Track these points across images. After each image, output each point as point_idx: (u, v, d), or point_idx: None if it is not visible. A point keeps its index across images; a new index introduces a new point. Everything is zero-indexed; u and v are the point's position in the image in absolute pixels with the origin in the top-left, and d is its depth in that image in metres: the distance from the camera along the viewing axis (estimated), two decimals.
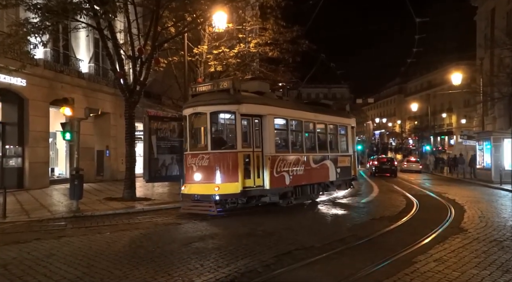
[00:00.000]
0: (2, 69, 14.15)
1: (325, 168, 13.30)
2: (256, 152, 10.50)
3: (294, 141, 12.21)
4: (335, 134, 14.33)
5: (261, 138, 10.65)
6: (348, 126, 15.16)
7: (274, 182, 10.72)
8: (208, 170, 10.14)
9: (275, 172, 10.81)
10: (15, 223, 9.40)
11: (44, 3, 11.60)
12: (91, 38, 19.54)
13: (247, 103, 10.38)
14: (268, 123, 10.78)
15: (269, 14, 17.38)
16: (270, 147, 10.73)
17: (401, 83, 79.22)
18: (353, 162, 15.25)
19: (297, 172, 11.75)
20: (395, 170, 29.14)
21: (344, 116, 15.25)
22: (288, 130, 11.73)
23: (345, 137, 14.97)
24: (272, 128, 10.96)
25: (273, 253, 6.48)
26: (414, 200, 13.96)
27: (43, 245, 7.10)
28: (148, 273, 5.41)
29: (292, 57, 18.98)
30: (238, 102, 10.16)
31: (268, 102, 11.12)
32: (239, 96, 10.30)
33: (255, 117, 10.59)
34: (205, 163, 10.19)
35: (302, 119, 12.40)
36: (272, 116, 10.99)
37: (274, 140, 10.99)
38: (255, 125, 10.60)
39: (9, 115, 16.17)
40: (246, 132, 10.54)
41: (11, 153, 15.97)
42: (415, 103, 54.98)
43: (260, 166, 10.50)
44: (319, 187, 13.25)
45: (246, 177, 10.18)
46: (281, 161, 11.07)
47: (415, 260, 6.13)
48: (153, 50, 13.61)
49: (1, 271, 5.52)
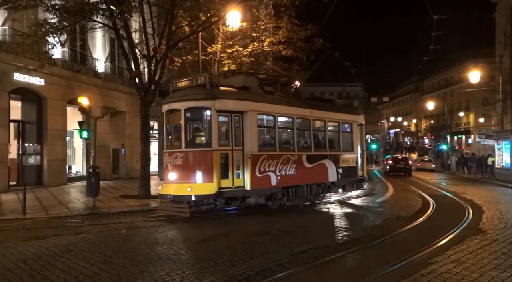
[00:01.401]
0: (22, 69, 14.48)
1: (323, 168, 12.43)
2: (236, 151, 9.89)
3: (283, 138, 11.52)
4: (337, 132, 13.44)
5: (242, 136, 10.04)
6: (353, 123, 14.11)
7: (256, 182, 10.08)
8: (182, 169, 9.68)
9: (258, 172, 10.16)
10: (35, 219, 9.63)
11: (62, 4, 11.82)
12: (107, 38, 19.84)
13: (224, 98, 9.79)
14: (250, 120, 10.10)
15: (283, 12, 17.31)
16: (251, 145, 10.07)
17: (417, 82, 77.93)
18: (360, 161, 14.31)
19: (287, 172, 11.03)
20: (409, 169, 28.90)
21: (349, 112, 14.26)
22: (275, 128, 11.00)
23: (350, 135, 13.98)
24: (254, 125, 10.27)
25: (288, 252, 6.47)
26: (430, 200, 13.73)
27: (61, 241, 7.24)
28: (164, 270, 5.47)
29: (306, 56, 18.90)
30: (214, 98, 9.61)
31: (250, 98, 10.41)
32: (215, 92, 9.73)
33: (235, 114, 9.97)
34: (179, 162, 9.73)
35: (293, 116, 11.60)
36: (255, 113, 10.33)
37: (256, 138, 10.29)
38: (236, 122, 9.97)
39: (28, 114, 16.54)
40: (225, 130, 9.95)
41: (30, 150, 16.34)
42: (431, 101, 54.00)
43: (241, 166, 9.91)
44: (319, 188, 12.49)
45: (223, 177, 9.60)
46: (266, 160, 10.39)
47: (432, 261, 6.03)
48: (168, 49, 13.73)
49: (22, 266, 5.66)
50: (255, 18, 18.39)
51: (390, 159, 31.39)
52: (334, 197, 14.06)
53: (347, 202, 13.66)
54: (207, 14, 14.59)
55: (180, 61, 17.58)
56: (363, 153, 14.69)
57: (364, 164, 14.69)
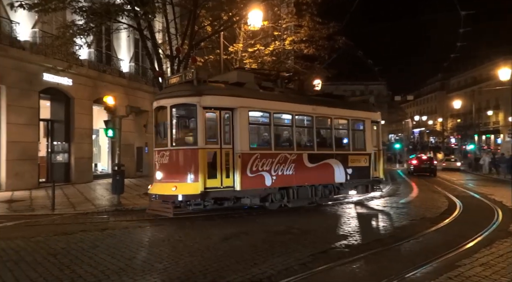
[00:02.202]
0: (51, 69, 14.99)
1: (327, 168, 11.72)
2: (225, 149, 9.51)
3: (280, 136, 11.01)
4: (346, 129, 12.67)
5: (232, 134, 9.65)
6: (366, 120, 13.17)
7: (248, 182, 9.64)
8: (167, 168, 9.46)
9: (249, 172, 9.71)
10: (63, 215, 9.96)
11: (89, 6, 12.18)
12: (132, 39, 20.26)
13: (211, 95, 9.41)
14: (240, 117, 9.68)
15: (305, 10, 17.20)
16: (242, 144, 9.64)
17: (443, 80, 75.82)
18: (375, 161, 13.37)
19: (284, 172, 10.49)
20: (434, 169, 28.27)
21: (361, 109, 13.35)
22: (270, 125, 10.46)
23: (362, 133, 13.09)
24: (246, 123, 9.80)
25: (309, 251, 6.44)
26: (457, 201, 13.34)
27: (88, 237, 7.46)
28: (187, 267, 5.54)
29: (328, 54, 18.71)
30: (199, 94, 9.25)
31: (242, 94, 9.94)
32: (201, 88, 9.35)
33: (225, 111, 9.60)
34: (165, 161, 9.50)
35: (292, 113, 11.00)
36: (246, 109, 9.86)
37: (247, 136, 9.82)
38: (225, 120, 9.60)
39: (57, 113, 17.11)
40: (213, 127, 9.57)
41: (59, 148, 16.91)
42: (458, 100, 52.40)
43: (230, 165, 9.51)
44: (325, 190, 11.88)
45: (210, 176, 9.23)
46: (258, 159, 9.91)
47: (459, 263, 5.86)
48: (190, 49, 13.88)
49: (52, 260, 5.87)
50: (277, 16, 18.35)
51: (415, 159, 30.78)
52: (355, 198, 13.87)
53: (369, 202, 13.44)
54: (229, 14, 14.67)
55: (202, 61, 17.74)
56: (379, 152, 13.76)
57: (380, 164, 13.77)
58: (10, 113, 14.25)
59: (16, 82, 14.41)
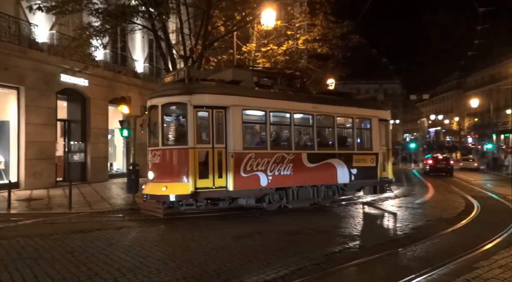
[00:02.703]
0: (68, 70, 15.28)
1: (329, 168, 11.32)
2: (218, 149, 9.32)
3: (277, 135, 10.79)
4: (351, 128, 12.27)
5: (225, 133, 9.48)
6: (373, 119, 12.67)
7: (241, 183, 9.43)
8: (159, 168, 9.40)
9: (243, 172, 9.50)
10: (79, 213, 10.14)
11: (105, 8, 12.36)
12: (146, 40, 20.50)
13: (202, 93, 9.25)
14: (233, 115, 9.48)
15: (318, 9, 17.10)
16: (235, 143, 9.43)
17: (460, 78, 74.37)
18: (383, 161, 12.84)
19: (282, 172, 10.22)
20: (450, 169, 27.85)
21: (367, 107, 12.87)
22: (266, 124, 10.21)
23: (368, 132, 12.65)
24: (239, 122, 9.60)
25: (323, 251, 6.40)
26: (475, 202, 13.07)
27: (104, 235, 7.58)
28: (201, 266, 5.58)
29: (341, 53, 18.57)
30: (190, 93, 9.11)
31: (235, 92, 9.73)
32: (192, 86, 9.20)
33: (217, 109, 9.41)
34: (156, 160, 9.44)
35: (291, 111, 10.68)
36: (240, 108, 9.65)
37: (241, 135, 9.62)
38: (218, 119, 9.42)
39: (73, 113, 17.44)
40: (205, 126, 9.44)
41: (75, 148, 17.23)
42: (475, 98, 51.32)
43: (223, 165, 9.32)
44: (328, 190, 11.55)
45: (202, 176, 9.07)
46: (253, 159, 9.69)
47: (477, 265, 5.74)
48: (204, 49, 13.97)
49: (69, 257, 5.98)
50: (290, 16, 18.30)
51: (430, 159, 30.35)
52: (370, 198, 13.72)
53: (384, 202, 13.29)
54: (242, 14, 14.70)
55: (216, 61, 17.84)
56: (388, 151, 13.22)
57: (389, 164, 13.19)
58: (29, 113, 14.59)
59: (35, 83, 14.74)
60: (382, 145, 13.01)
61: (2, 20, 13.56)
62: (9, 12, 13.93)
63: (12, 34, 13.86)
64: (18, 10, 14.20)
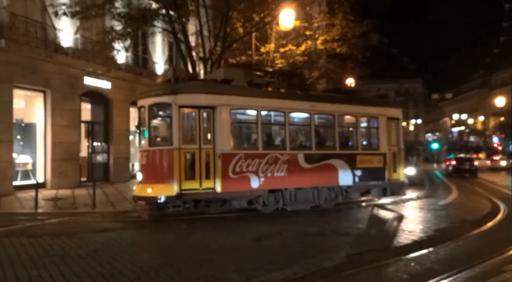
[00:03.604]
0: (91, 73, 15.70)
1: (329, 169, 10.84)
2: (205, 149, 9.09)
3: (269, 135, 10.46)
4: (354, 127, 11.70)
5: (213, 134, 9.26)
6: (380, 117, 12.02)
7: (230, 184, 9.19)
8: (146, 169, 9.36)
9: (232, 173, 9.26)
10: (103, 213, 10.39)
11: (127, 12, 12.65)
12: (166, 42, 20.83)
13: (188, 93, 9.08)
14: (221, 115, 9.23)
15: (337, 9, 16.97)
16: (223, 143, 9.21)
17: (485, 76, 72.16)
18: (394, 162, 12.19)
19: (275, 173, 9.88)
20: (474, 170, 27.07)
21: (374, 105, 12.26)
22: (258, 124, 9.88)
23: (375, 131, 12.08)
24: (227, 121, 9.36)
25: (342, 253, 6.36)
26: (501, 204, 12.67)
27: (127, 234, 7.77)
28: (221, 266, 5.64)
29: (361, 53, 18.38)
30: (174, 93, 8.95)
31: (223, 91, 9.49)
32: (177, 86, 9.02)
33: (205, 109, 9.21)
34: (144, 162, 9.42)
35: (285, 110, 10.27)
36: (228, 107, 9.41)
37: (229, 135, 9.40)
38: (205, 118, 9.23)
39: (97, 115, 17.89)
40: (191, 127, 9.30)
41: (99, 149, 17.67)
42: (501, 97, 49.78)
43: (211, 166, 9.11)
44: (330, 192, 11.05)
45: (188, 177, 8.89)
46: (243, 159, 9.41)
47: (505, 269, 5.59)
48: (223, 50, 14.11)
49: (93, 256, 6.16)
50: (308, 16, 18.24)
51: (454, 159, 29.63)
52: (390, 199, 13.50)
53: (406, 203, 13.05)
54: (261, 15, 14.75)
55: (235, 62, 17.96)
56: (399, 152, 12.50)
57: (400, 165, 12.51)
58: (55, 115, 15.05)
59: (60, 86, 15.20)
60: (392, 145, 12.38)
61: (30, 26, 14.05)
62: (36, 18, 14.41)
63: (39, 39, 14.33)
64: (45, 16, 14.67)
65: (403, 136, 13.24)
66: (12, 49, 13.13)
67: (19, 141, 14.55)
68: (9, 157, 13.41)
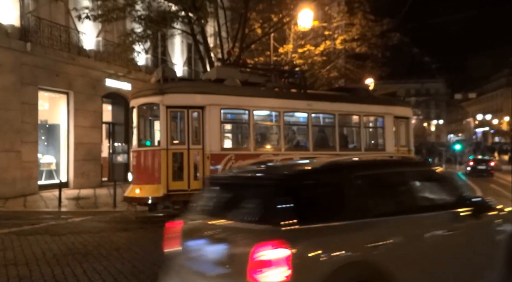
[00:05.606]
0: (112, 75, 16.01)
1: None
2: (194, 150, 8.98)
3: (262, 136, 10.27)
4: (357, 127, 11.36)
5: (202, 134, 9.14)
6: (387, 116, 11.57)
7: None
8: (135, 169, 9.37)
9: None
10: (123, 212, 10.54)
11: (147, 14, 12.84)
12: (185, 44, 21.05)
13: (175, 93, 8.99)
14: (210, 115, 9.08)
15: (357, 8, 16.74)
16: (212, 144, 9.06)
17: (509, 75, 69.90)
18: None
19: None
20: (490, 170, 28.25)
21: (380, 103, 11.78)
22: (249, 124, 9.64)
23: (380, 131, 11.68)
24: (217, 121, 9.21)
25: None
26: None
27: (147, 234, 7.86)
28: None
29: (381, 52, 18.09)
30: (162, 93, 8.87)
31: (213, 91, 9.33)
32: (165, 86, 8.93)
33: (193, 109, 9.08)
34: (134, 162, 9.48)
35: (280, 110, 9.98)
36: (218, 107, 9.25)
37: (219, 135, 9.28)
38: (194, 119, 9.11)
39: (117, 116, 18.22)
40: (179, 127, 9.26)
41: (119, 150, 17.99)
42: None
43: (200, 166, 8.96)
44: None
45: (176, 178, 8.78)
46: (233, 160, 9.17)
47: None
48: (241, 51, 14.13)
49: (115, 254, 6.27)
50: (327, 16, 18.06)
51: (471, 160, 30.75)
52: None
53: None
54: (279, 15, 14.71)
55: (253, 63, 17.97)
56: (408, 153, 12.07)
57: None
58: (77, 116, 15.43)
59: (82, 88, 15.57)
60: (401, 145, 11.93)
61: (54, 30, 14.45)
62: (60, 22, 14.81)
63: (63, 42, 14.72)
64: (68, 19, 15.07)
65: (423, 137, 12.84)
66: (37, 53, 13.54)
67: (43, 142, 14.98)
68: (34, 157, 13.82)
